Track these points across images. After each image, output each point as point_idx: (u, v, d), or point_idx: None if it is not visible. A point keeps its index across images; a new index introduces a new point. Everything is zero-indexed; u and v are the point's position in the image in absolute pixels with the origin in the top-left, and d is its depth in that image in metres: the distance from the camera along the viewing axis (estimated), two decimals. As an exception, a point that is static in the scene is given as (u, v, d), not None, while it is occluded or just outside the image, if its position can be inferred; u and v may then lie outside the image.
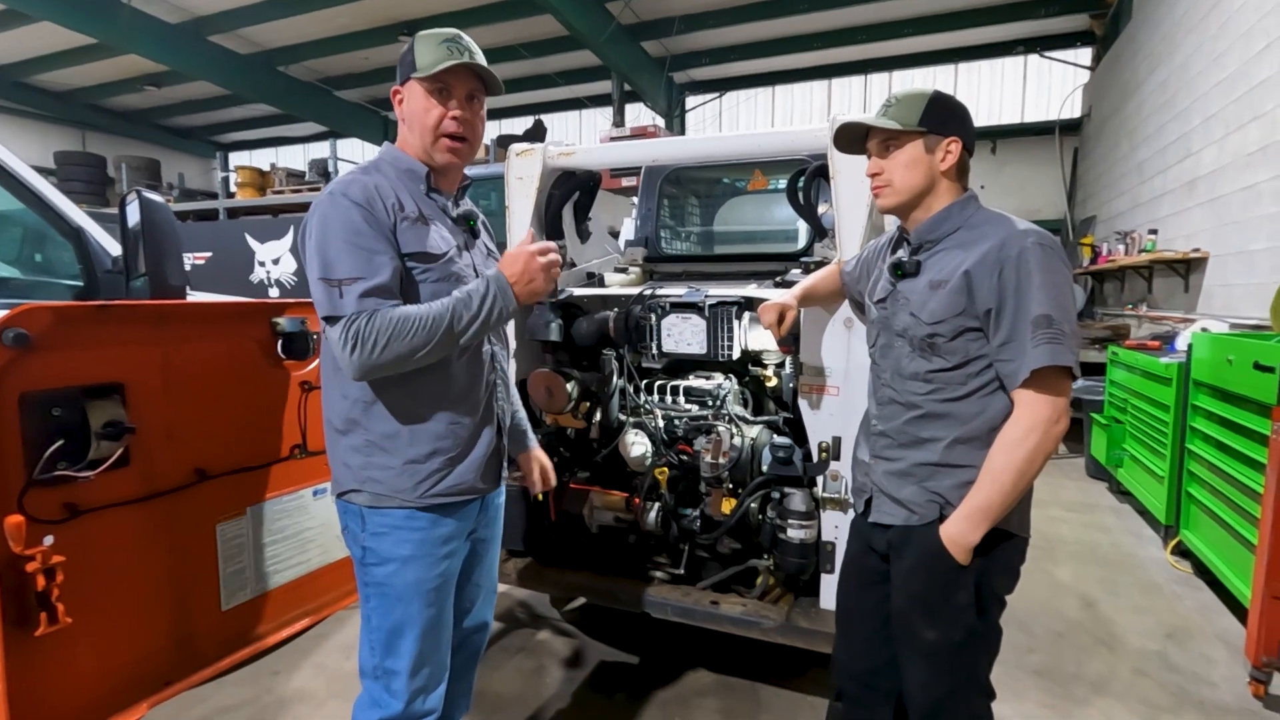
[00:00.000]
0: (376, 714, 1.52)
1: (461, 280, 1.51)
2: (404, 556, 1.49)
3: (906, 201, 1.53)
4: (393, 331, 1.35)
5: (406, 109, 1.52)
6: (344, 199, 1.41)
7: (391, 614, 1.50)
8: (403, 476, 1.47)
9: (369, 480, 1.48)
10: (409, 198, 1.50)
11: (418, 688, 1.53)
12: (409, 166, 1.53)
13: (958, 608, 1.49)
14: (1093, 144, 9.89)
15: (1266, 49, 4.54)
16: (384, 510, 1.48)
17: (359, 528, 1.51)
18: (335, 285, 1.37)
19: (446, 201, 1.59)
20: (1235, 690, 2.61)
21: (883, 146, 1.53)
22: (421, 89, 1.48)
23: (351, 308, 1.36)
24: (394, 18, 10.65)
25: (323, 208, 1.43)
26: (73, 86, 13.70)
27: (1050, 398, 1.39)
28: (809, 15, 10.08)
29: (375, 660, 1.53)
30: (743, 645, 2.53)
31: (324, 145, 14.94)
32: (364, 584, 1.53)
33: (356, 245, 1.39)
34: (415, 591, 1.50)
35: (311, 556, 2.31)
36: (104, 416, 1.68)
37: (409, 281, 1.46)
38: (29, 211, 2.40)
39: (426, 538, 1.50)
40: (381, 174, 1.50)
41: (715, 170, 3.89)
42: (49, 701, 1.63)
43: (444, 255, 1.50)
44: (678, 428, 2.50)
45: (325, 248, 1.39)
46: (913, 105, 1.48)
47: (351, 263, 1.38)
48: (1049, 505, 4.77)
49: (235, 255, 8.61)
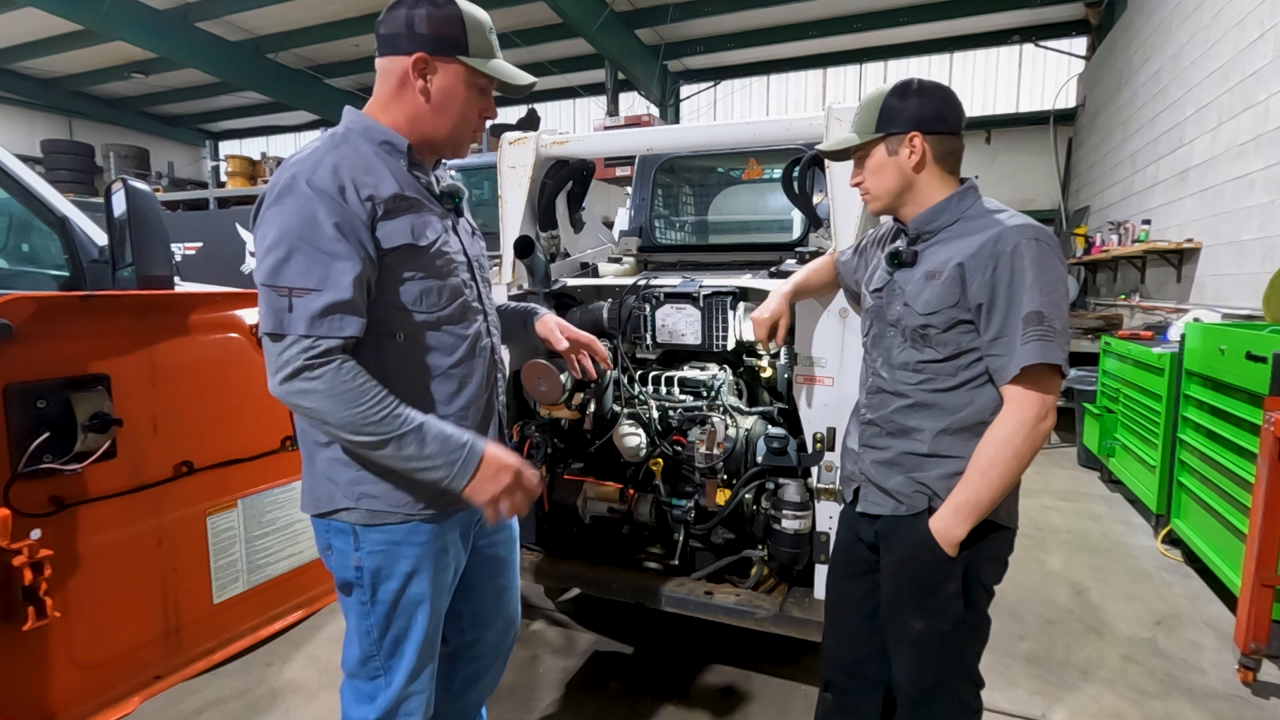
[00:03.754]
0: (371, 710, 1.43)
1: (450, 272, 1.36)
2: (406, 572, 1.37)
3: (889, 204, 1.56)
4: (340, 393, 1.18)
5: (438, 87, 1.32)
6: (306, 188, 1.19)
7: (395, 626, 1.40)
8: (402, 489, 1.33)
9: (364, 496, 1.32)
10: (389, 176, 1.29)
11: (410, 692, 1.45)
12: (386, 138, 1.33)
13: (945, 598, 1.50)
14: (1087, 134, 9.89)
15: (1260, 38, 4.53)
16: (382, 527, 1.34)
17: (349, 547, 1.35)
18: (284, 295, 1.18)
19: (429, 178, 1.41)
20: (1224, 677, 2.64)
21: (856, 157, 1.58)
22: (466, 77, 1.32)
23: (300, 327, 1.17)
24: (386, 4, 10.50)
25: (279, 195, 1.20)
26: (59, 73, 13.50)
27: (1038, 394, 1.39)
28: (804, 4, 10.02)
29: (378, 661, 1.42)
30: (737, 635, 2.54)
31: (315, 134, 14.80)
32: (361, 603, 1.39)
33: (316, 248, 1.18)
34: (418, 603, 1.40)
35: (303, 549, 2.30)
36: (90, 409, 1.66)
37: (390, 282, 1.28)
38: (13, 201, 2.36)
39: (430, 550, 1.39)
40: (352, 148, 1.28)
41: (710, 159, 3.86)
42: (37, 697, 1.62)
43: (431, 244, 1.33)
44: (672, 419, 2.49)
45: (274, 246, 1.18)
46: (869, 111, 1.51)
47: (307, 269, 1.17)
48: (1040, 494, 4.80)
49: (226, 245, 8.53)
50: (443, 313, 1.36)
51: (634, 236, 3.36)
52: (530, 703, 2.47)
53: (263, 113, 15.87)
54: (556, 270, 2.84)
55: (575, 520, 2.60)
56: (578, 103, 14.20)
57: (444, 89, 1.32)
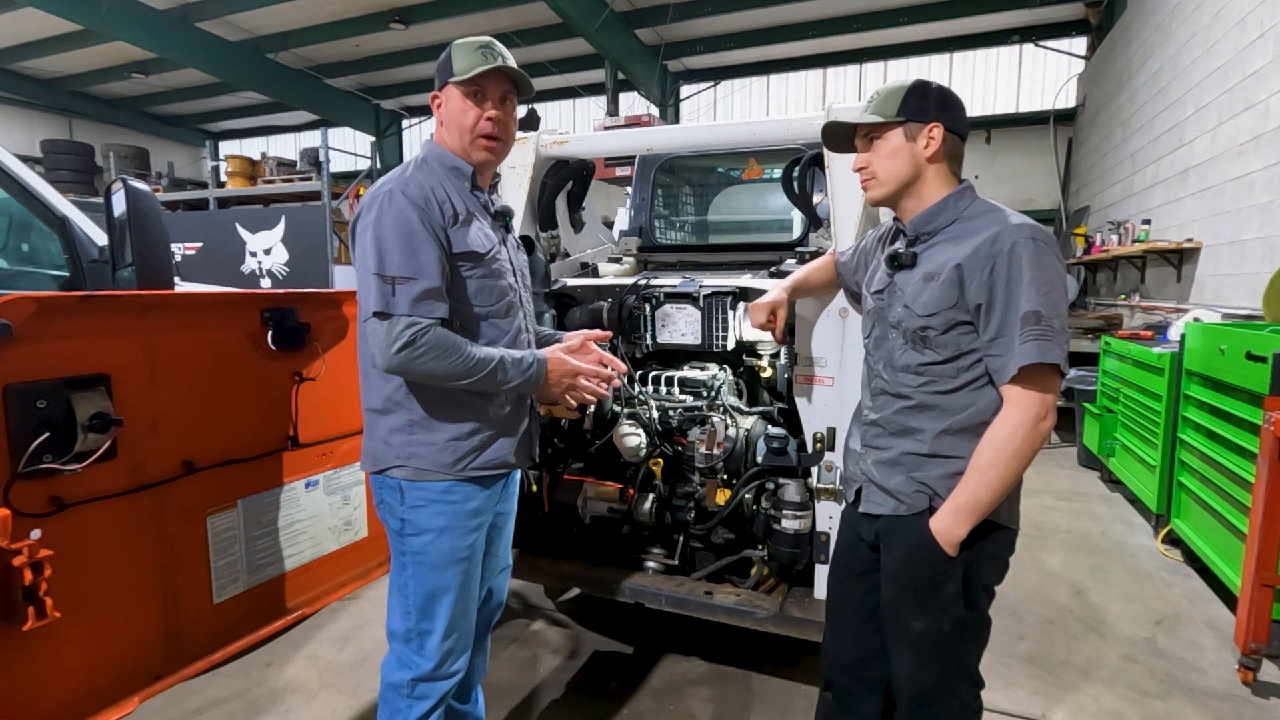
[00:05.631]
0: (407, 674, 1.63)
1: (500, 275, 1.65)
2: (440, 527, 1.60)
3: (894, 191, 1.54)
4: (443, 351, 1.48)
5: (445, 112, 1.62)
6: (402, 198, 1.50)
7: (428, 580, 1.62)
8: (445, 452, 1.59)
9: (412, 456, 1.59)
10: (456, 195, 1.60)
11: (448, 649, 1.64)
12: (454, 164, 1.63)
13: (945, 598, 1.50)
14: (1087, 134, 9.89)
15: (1260, 38, 4.54)
16: (423, 484, 1.59)
17: (397, 501, 1.61)
18: (389, 282, 1.46)
19: (486, 198, 1.71)
20: (1224, 676, 2.64)
21: (866, 140, 1.55)
22: (459, 93, 1.58)
23: (404, 308, 1.46)
24: (385, 4, 10.54)
25: (380, 204, 1.51)
26: (59, 73, 13.51)
27: (1037, 394, 1.39)
28: (804, 4, 10.04)
29: (410, 624, 1.63)
30: (737, 635, 2.54)
31: (315, 134, 14.81)
32: (400, 554, 1.64)
33: (412, 245, 1.48)
34: (449, 560, 1.62)
35: (304, 549, 2.30)
36: (90, 409, 1.66)
37: (456, 279, 1.57)
38: (13, 201, 2.37)
39: (460, 510, 1.62)
40: (431, 170, 1.60)
41: (710, 159, 3.86)
42: (37, 697, 1.62)
43: (488, 252, 1.62)
44: (672, 419, 2.49)
45: (381, 244, 1.48)
46: (892, 96, 1.50)
47: (405, 261, 1.47)
48: (1041, 494, 4.80)
49: (226, 245, 8.54)
50: (492, 308, 1.64)
51: (634, 236, 3.36)
52: (530, 703, 2.47)
53: (263, 113, 15.87)
54: (556, 270, 2.84)
55: (575, 520, 2.60)
56: (578, 103, 14.21)
57: (448, 110, 1.62)
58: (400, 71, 13.11)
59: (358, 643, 2.85)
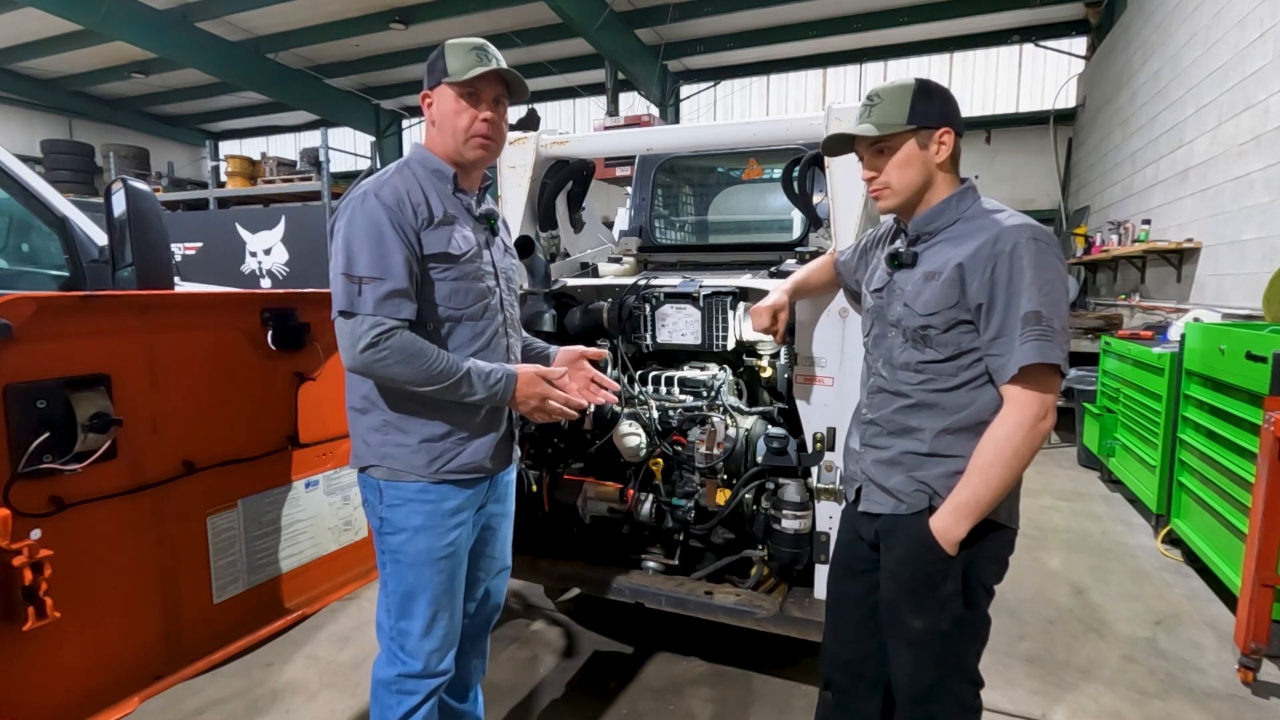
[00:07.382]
0: (394, 670, 1.65)
1: (479, 278, 1.65)
2: (415, 526, 1.61)
3: (907, 200, 1.52)
4: (407, 357, 1.48)
5: (437, 112, 1.61)
6: (375, 200, 1.51)
7: (405, 579, 1.63)
8: (418, 454, 1.59)
9: (386, 456, 1.60)
10: (436, 198, 1.60)
11: (431, 649, 1.65)
12: (437, 167, 1.64)
13: (945, 597, 1.50)
14: (1087, 134, 9.89)
15: (1260, 38, 4.54)
16: (398, 484, 1.60)
17: (376, 499, 1.63)
18: (355, 282, 1.48)
19: (470, 200, 1.70)
20: (1224, 676, 2.64)
21: (874, 148, 1.51)
22: (452, 94, 1.58)
23: (369, 308, 1.47)
24: (385, 4, 10.54)
25: (353, 206, 1.53)
26: (59, 73, 13.51)
27: (1037, 394, 1.39)
28: (804, 4, 10.03)
29: (391, 621, 1.65)
30: (737, 635, 2.54)
31: (315, 134, 14.81)
32: (380, 551, 1.66)
33: (380, 246, 1.49)
34: (426, 559, 1.62)
35: (304, 549, 2.30)
36: (90, 409, 1.66)
37: (426, 280, 1.57)
38: (13, 201, 2.37)
39: (436, 510, 1.62)
40: (412, 173, 1.61)
41: (710, 159, 3.86)
42: (37, 697, 1.62)
43: (464, 255, 1.61)
44: (672, 419, 2.49)
45: (350, 244, 1.50)
46: (898, 101, 1.45)
47: (373, 262, 1.48)
48: (1041, 494, 4.80)
49: (226, 245, 8.54)
50: (468, 310, 1.63)
51: (634, 236, 3.36)
52: (530, 703, 2.47)
53: (263, 113, 15.87)
54: (556, 270, 2.84)
55: (575, 520, 2.60)
56: (578, 103, 14.21)
57: (439, 110, 1.61)
58: (400, 71, 13.11)
59: (358, 643, 2.85)
